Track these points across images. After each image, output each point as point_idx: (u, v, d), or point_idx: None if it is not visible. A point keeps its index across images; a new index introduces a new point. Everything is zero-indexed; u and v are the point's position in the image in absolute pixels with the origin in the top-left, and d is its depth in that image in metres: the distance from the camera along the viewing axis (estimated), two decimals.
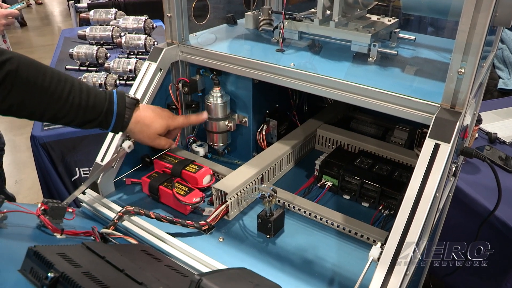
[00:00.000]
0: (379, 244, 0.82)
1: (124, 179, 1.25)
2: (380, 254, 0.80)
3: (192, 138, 1.42)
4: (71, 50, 2.54)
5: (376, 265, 0.79)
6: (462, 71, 0.84)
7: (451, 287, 1.86)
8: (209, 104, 1.30)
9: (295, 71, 1.09)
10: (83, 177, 2.08)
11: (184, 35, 1.29)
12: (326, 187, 1.23)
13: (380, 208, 1.14)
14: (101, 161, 1.15)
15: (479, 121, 1.82)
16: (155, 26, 2.86)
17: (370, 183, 1.16)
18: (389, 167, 1.22)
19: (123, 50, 2.69)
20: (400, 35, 1.29)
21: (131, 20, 2.83)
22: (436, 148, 0.85)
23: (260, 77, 1.15)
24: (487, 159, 1.06)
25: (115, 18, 3.02)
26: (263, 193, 1.04)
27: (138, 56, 2.63)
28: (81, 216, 1.14)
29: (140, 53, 2.65)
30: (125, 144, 1.15)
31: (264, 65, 1.13)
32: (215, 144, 1.37)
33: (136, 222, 1.04)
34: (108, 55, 2.58)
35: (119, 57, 2.55)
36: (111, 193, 1.20)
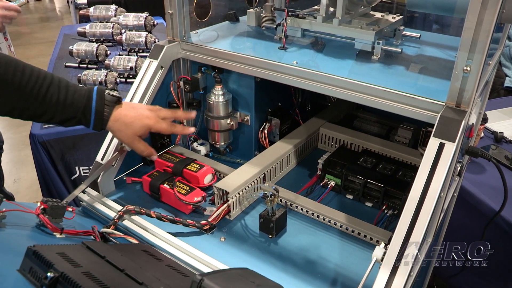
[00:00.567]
0: (382, 245, 0.82)
1: (125, 178, 1.26)
2: (384, 254, 0.80)
3: (194, 136, 1.42)
4: (70, 47, 2.55)
5: (379, 266, 0.79)
6: (468, 69, 0.84)
7: None
8: (210, 102, 1.30)
9: (297, 69, 1.09)
10: (83, 176, 2.09)
11: (186, 32, 1.29)
12: (329, 186, 1.23)
13: (383, 208, 1.14)
14: (102, 159, 1.15)
15: (485, 120, 1.82)
16: (156, 23, 2.86)
17: (373, 182, 1.16)
18: (393, 166, 1.22)
19: (123, 47, 2.69)
20: (405, 32, 1.29)
21: (131, 17, 2.83)
22: (441, 147, 0.85)
23: (263, 75, 1.16)
24: (493, 158, 1.06)
25: (115, 15, 3.02)
26: (265, 192, 1.04)
27: (138, 53, 2.64)
28: (81, 215, 1.14)
29: (141, 50, 2.66)
30: None
31: (267, 63, 1.13)
32: (217, 143, 1.38)
33: (137, 221, 1.04)
34: (109, 52, 2.58)
35: (119, 54, 2.56)
36: (112, 192, 1.21)
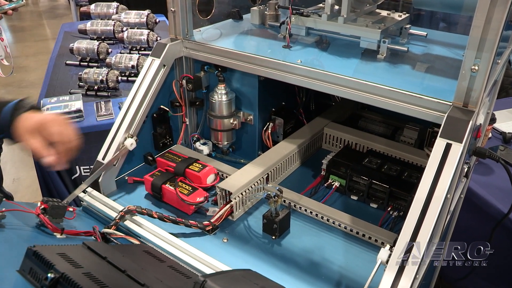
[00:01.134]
0: (387, 247, 0.82)
1: (126, 177, 1.26)
2: (389, 256, 0.80)
3: (196, 136, 1.43)
4: (71, 45, 2.56)
5: (384, 268, 0.80)
6: (476, 68, 0.84)
7: None
8: (213, 102, 1.30)
9: (302, 68, 1.09)
10: (83, 175, 2.09)
11: (188, 30, 1.29)
12: (333, 187, 1.23)
13: (388, 209, 1.14)
14: (103, 159, 1.16)
15: (493, 120, 1.81)
16: (158, 21, 2.87)
17: (378, 183, 1.16)
18: (398, 167, 1.22)
19: (125, 45, 2.70)
20: (411, 31, 1.29)
21: (133, 15, 2.84)
22: (448, 148, 0.85)
23: (266, 74, 1.16)
24: (501, 159, 1.05)
25: (116, 12, 3.03)
26: (269, 193, 1.04)
27: (140, 51, 2.65)
28: (82, 216, 1.15)
29: (143, 48, 2.66)
30: (127, 142, 1.16)
31: (270, 61, 1.14)
32: (220, 143, 1.38)
33: (138, 221, 1.04)
34: (110, 50, 2.59)
35: (121, 52, 2.57)
36: (113, 192, 1.21)
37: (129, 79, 2.38)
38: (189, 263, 0.93)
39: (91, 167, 1.20)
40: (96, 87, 2.24)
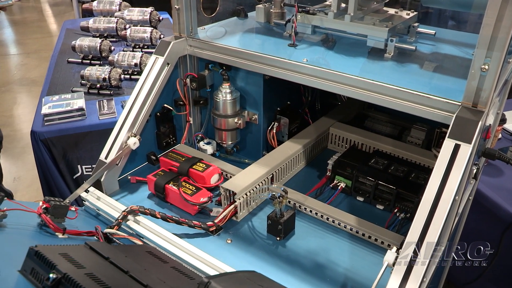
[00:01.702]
0: (394, 249, 0.82)
1: (129, 177, 1.27)
2: (396, 259, 0.80)
3: (200, 135, 1.43)
4: (73, 42, 2.57)
5: (391, 271, 0.80)
6: (486, 67, 0.84)
7: None
8: (218, 101, 1.31)
9: (307, 66, 1.09)
10: (85, 174, 2.11)
11: (193, 28, 1.30)
12: (339, 188, 1.23)
13: (395, 211, 1.14)
14: (105, 158, 1.17)
15: (503, 120, 1.81)
16: (161, 18, 2.88)
17: (385, 184, 1.16)
18: (405, 168, 1.22)
19: (127, 43, 2.71)
20: (419, 29, 1.29)
21: (136, 12, 2.85)
22: (456, 149, 0.85)
23: (271, 73, 1.16)
24: (511, 161, 1.05)
25: (119, 10, 3.05)
26: (273, 193, 1.05)
27: (143, 49, 2.66)
28: (84, 215, 1.15)
29: (146, 46, 2.68)
30: (130, 141, 1.16)
31: (276, 60, 1.14)
32: (224, 142, 1.38)
33: (141, 222, 1.05)
34: (112, 48, 2.60)
35: (123, 50, 2.58)
36: (115, 191, 1.22)
37: (132, 77, 2.39)
38: (193, 264, 0.94)
39: (93, 166, 1.20)
40: (98, 85, 2.26)
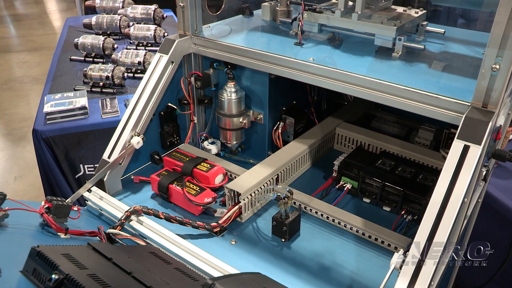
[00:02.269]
0: (401, 252, 0.82)
1: (132, 177, 1.27)
2: (403, 262, 0.80)
3: (204, 135, 1.43)
4: (76, 40, 2.58)
5: (398, 274, 0.80)
6: (497, 67, 0.84)
7: None
8: (222, 100, 1.31)
9: (314, 66, 1.09)
10: (87, 174, 2.11)
11: (197, 26, 1.30)
12: (345, 189, 1.23)
13: (402, 213, 1.14)
14: (108, 157, 1.17)
15: None
16: (165, 16, 2.89)
17: (392, 186, 1.16)
18: (412, 169, 1.22)
19: (131, 41, 2.72)
20: (428, 28, 1.29)
21: (139, 9, 2.86)
22: (465, 150, 0.85)
23: (277, 72, 1.16)
24: None
25: (122, 7, 3.06)
26: (279, 194, 1.05)
27: (147, 47, 2.66)
28: (87, 215, 1.16)
29: (149, 44, 2.68)
30: (133, 140, 1.17)
31: (282, 59, 1.14)
32: (229, 142, 1.39)
33: (144, 222, 1.05)
34: (116, 46, 2.61)
35: (127, 48, 2.59)
36: (118, 191, 1.23)
37: (135, 75, 2.39)
38: (196, 265, 0.94)
39: (96, 165, 1.21)
40: (101, 83, 2.26)
